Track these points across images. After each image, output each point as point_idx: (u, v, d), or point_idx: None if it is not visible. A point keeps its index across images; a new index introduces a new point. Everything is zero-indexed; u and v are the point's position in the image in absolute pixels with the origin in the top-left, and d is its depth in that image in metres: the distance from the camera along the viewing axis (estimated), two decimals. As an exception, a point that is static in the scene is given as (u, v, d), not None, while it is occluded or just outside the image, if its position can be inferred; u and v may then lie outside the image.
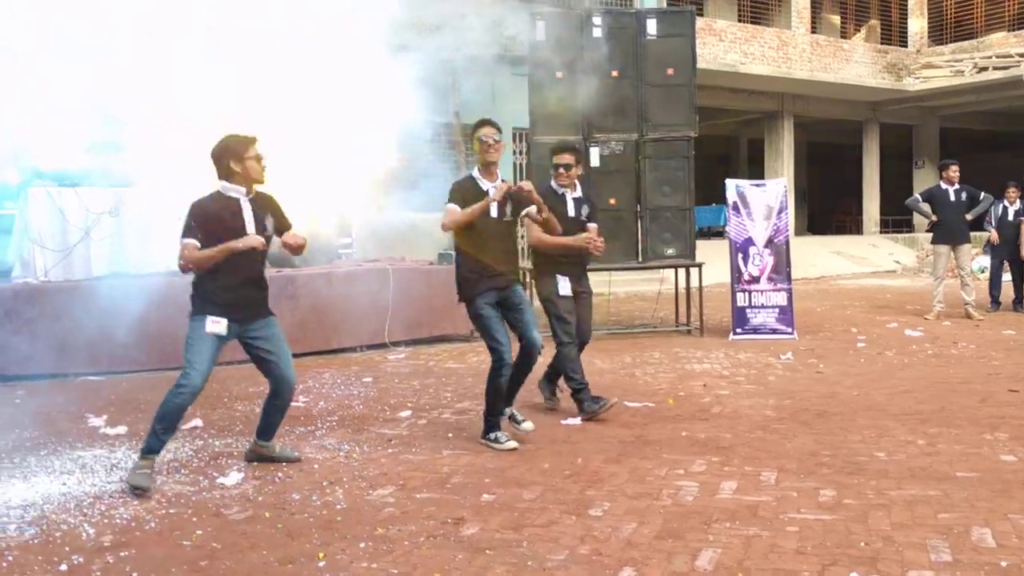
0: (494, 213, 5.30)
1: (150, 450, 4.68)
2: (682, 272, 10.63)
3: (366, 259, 10.80)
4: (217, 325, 4.67)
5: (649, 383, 7.33)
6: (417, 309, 9.57)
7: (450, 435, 5.64)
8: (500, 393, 5.33)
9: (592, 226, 6.24)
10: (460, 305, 5.50)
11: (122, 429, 5.88)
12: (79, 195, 8.61)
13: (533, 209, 5.55)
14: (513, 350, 5.29)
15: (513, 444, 5.28)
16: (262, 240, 4.75)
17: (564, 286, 6.10)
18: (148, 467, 4.64)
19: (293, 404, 6.04)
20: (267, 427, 5.07)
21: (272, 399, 5.01)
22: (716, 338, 9.93)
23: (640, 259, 10.20)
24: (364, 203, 11.67)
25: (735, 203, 10.10)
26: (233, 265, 4.70)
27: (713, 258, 12.22)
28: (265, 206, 4.90)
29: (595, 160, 10.00)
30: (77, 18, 7.67)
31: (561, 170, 6.24)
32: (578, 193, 6.35)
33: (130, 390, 7.34)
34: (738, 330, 9.93)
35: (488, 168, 5.38)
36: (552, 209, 5.94)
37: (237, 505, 4.31)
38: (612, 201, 10.03)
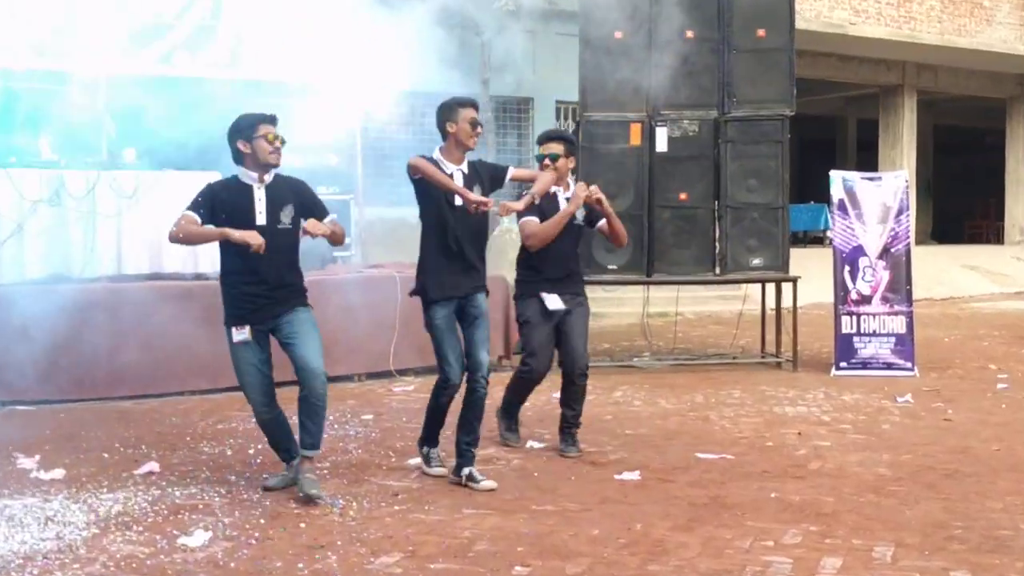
0: (459, 201, 5.77)
1: (291, 457, 5.64)
2: (771, 288, 10.59)
3: (367, 265, 10.86)
4: (241, 333, 5.45)
5: (728, 429, 7.32)
6: (431, 329, 9.60)
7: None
8: (438, 414, 6.02)
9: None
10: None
11: (58, 473, 5.94)
12: (12, 178, 8.74)
13: (519, 205, 5.99)
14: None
15: (441, 470, 5.94)
16: (261, 242, 5.28)
17: (553, 301, 6.48)
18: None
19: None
20: (303, 433, 5.47)
21: (300, 394, 5.46)
22: (814, 373, 9.88)
23: (717, 271, 10.18)
24: (364, 194, 11.77)
25: (841, 201, 10.05)
26: (247, 265, 5.37)
27: (811, 271, 12.14)
28: (285, 195, 5.53)
29: (662, 144, 9.99)
30: None
31: (547, 161, 6.56)
32: (572, 192, 6.66)
33: (69, 423, 7.42)
34: (843, 364, 9.87)
35: (457, 152, 5.91)
36: (541, 213, 6.45)
37: (203, 572, 4.33)
38: (682, 196, 10.03)
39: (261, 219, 5.40)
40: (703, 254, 10.12)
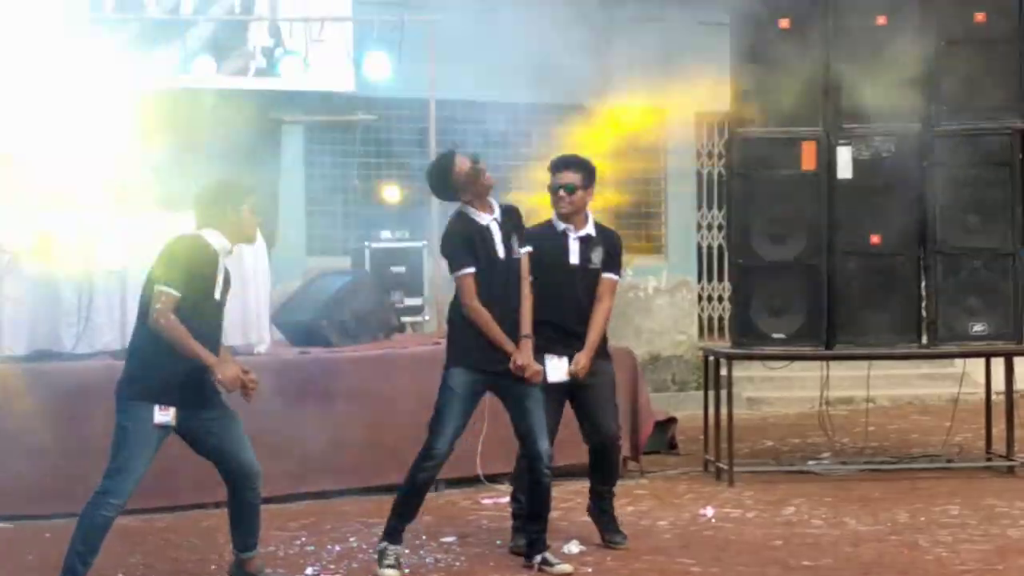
0: (502, 253, 6.83)
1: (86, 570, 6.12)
2: (999, 364, 10.50)
3: (444, 335, 10.91)
4: (166, 415, 6.08)
5: (945, 560, 7.26)
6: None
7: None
8: (415, 496, 6.85)
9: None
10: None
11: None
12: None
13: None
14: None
15: (394, 572, 6.69)
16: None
17: (555, 370, 7.20)
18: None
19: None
20: (246, 536, 6.44)
21: (236, 497, 6.39)
22: (1063, 484, 9.77)
23: (924, 340, 10.11)
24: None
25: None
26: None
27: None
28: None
29: (846, 168, 9.94)
30: None
31: (562, 192, 7.31)
32: (588, 230, 7.41)
33: (58, 546, 7.41)
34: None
35: (479, 200, 6.87)
36: (543, 255, 7.13)
37: None
38: (874, 239, 9.97)
39: (219, 290, 6.30)
40: (904, 318, 10.04)
